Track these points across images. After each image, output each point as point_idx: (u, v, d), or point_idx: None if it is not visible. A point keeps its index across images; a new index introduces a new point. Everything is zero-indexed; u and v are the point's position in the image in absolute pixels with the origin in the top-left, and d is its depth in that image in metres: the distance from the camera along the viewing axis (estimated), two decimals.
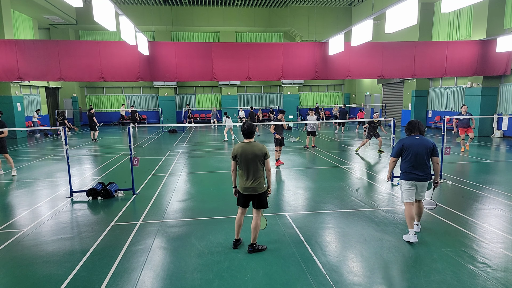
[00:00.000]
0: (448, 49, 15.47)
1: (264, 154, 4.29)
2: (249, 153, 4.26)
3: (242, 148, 4.30)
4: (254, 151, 4.26)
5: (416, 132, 4.83)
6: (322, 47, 15.20)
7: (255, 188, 4.30)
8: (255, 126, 4.42)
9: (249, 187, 4.31)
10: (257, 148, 4.28)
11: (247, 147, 4.29)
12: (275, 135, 9.89)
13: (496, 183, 7.79)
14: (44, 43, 13.95)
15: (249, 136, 4.34)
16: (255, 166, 4.28)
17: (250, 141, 4.34)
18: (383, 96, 25.33)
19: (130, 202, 6.77)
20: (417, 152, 4.68)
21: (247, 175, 4.31)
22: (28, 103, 20.81)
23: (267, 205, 4.45)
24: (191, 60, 14.64)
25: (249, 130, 4.32)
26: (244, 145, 4.31)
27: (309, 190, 7.51)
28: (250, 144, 4.31)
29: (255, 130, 4.42)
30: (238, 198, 4.51)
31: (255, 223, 4.41)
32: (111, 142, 16.86)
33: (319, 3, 25.30)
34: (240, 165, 4.35)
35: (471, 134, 11.86)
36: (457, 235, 4.93)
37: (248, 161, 4.27)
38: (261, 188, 4.33)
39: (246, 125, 4.33)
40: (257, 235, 4.46)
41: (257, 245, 4.49)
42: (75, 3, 7.30)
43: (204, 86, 28.88)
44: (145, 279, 3.89)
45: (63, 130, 6.99)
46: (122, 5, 23.96)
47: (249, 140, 4.35)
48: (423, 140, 4.73)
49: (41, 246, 4.79)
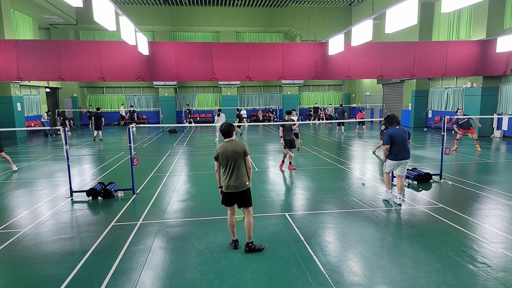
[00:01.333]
0: (448, 49, 15.47)
1: (244, 151, 4.35)
2: (230, 151, 4.32)
3: (223, 147, 4.36)
4: (234, 148, 4.33)
5: (395, 123, 6.27)
6: (322, 47, 15.20)
7: (237, 186, 4.33)
8: (233, 126, 4.51)
9: (231, 185, 4.34)
10: (237, 145, 4.36)
11: (227, 146, 4.36)
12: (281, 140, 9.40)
13: (496, 183, 7.79)
14: (44, 43, 13.95)
15: (228, 135, 4.43)
16: (236, 164, 4.33)
17: (230, 140, 4.42)
18: (383, 96, 25.33)
19: (130, 202, 6.77)
20: (401, 138, 6.12)
21: (229, 173, 4.35)
22: (28, 103, 20.82)
23: (251, 203, 4.47)
24: (191, 60, 14.63)
25: (227, 130, 4.41)
26: (224, 144, 4.39)
27: (309, 190, 7.51)
28: (230, 143, 4.39)
29: (234, 129, 4.50)
30: (222, 198, 4.51)
31: (247, 222, 4.43)
32: (111, 142, 16.86)
33: (319, 3, 25.30)
34: (222, 163, 4.39)
35: (474, 136, 11.90)
36: (457, 235, 4.93)
37: (229, 159, 4.32)
38: (243, 185, 4.35)
39: (224, 126, 4.44)
40: (251, 234, 4.45)
41: (254, 245, 4.48)
42: (75, 3, 7.30)
43: (204, 86, 28.89)
44: (145, 279, 3.89)
45: (63, 130, 6.99)
46: (122, 5, 23.96)
47: (229, 139, 4.43)
48: (402, 129, 6.21)
49: (41, 246, 4.79)
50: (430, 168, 9.21)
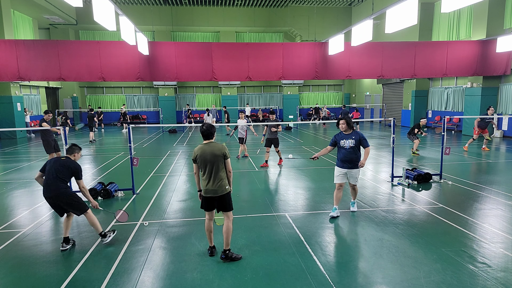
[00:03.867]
0: (448, 49, 15.47)
1: (224, 154, 4.12)
2: (208, 153, 4.11)
3: (201, 149, 4.16)
4: (213, 151, 4.10)
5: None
6: (322, 47, 15.20)
7: (215, 190, 4.12)
8: (214, 128, 4.30)
9: (210, 189, 4.13)
10: (216, 148, 4.13)
11: (206, 148, 4.15)
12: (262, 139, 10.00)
13: (496, 183, 7.79)
14: (44, 43, 13.95)
15: (208, 137, 4.22)
16: (215, 167, 4.11)
17: (209, 142, 4.20)
18: (383, 96, 25.33)
19: (130, 202, 6.77)
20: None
21: (208, 177, 4.13)
22: (28, 103, 20.82)
23: (231, 207, 4.25)
24: (191, 60, 14.63)
25: (208, 131, 4.21)
26: (203, 146, 4.18)
27: (309, 190, 7.51)
28: (209, 145, 4.16)
29: (215, 131, 4.30)
30: (201, 202, 4.30)
31: (226, 227, 4.22)
32: (111, 142, 16.86)
33: (319, 3, 25.29)
34: (200, 166, 4.18)
35: (487, 135, 12.07)
36: (457, 235, 4.93)
37: (207, 162, 4.11)
38: (222, 189, 4.14)
39: (205, 126, 4.23)
40: (229, 241, 4.24)
41: (231, 253, 4.24)
42: (75, 3, 7.30)
43: (204, 86, 28.88)
44: (145, 279, 3.89)
45: (63, 130, 6.98)
46: (122, 5, 23.96)
47: (208, 140, 4.22)
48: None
49: (41, 246, 4.79)
50: (430, 168, 9.21)
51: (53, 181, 4.52)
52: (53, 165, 4.62)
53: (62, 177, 4.58)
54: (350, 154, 5.48)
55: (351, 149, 5.48)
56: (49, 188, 4.52)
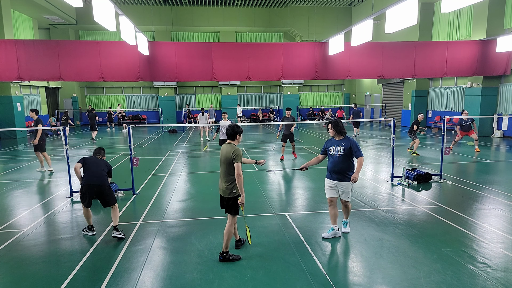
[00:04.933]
0: (448, 49, 15.47)
1: (233, 157, 4.06)
2: (223, 154, 4.18)
3: (221, 149, 4.29)
4: (227, 152, 4.13)
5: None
6: (322, 47, 15.19)
7: (224, 190, 4.18)
8: (239, 128, 4.26)
9: (220, 188, 4.27)
10: (231, 150, 4.12)
11: (224, 148, 4.22)
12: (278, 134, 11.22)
13: (496, 183, 7.79)
14: (44, 43, 13.95)
15: (230, 137, 4.26)
16: (225, 169, 4.15)
17: (229, 143, 4.25)
18: (383, 96, 25.32)
19: (130, 202, 6.77)
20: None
21: (221, 176, 4.27)
22: (28, 103, 20.82)
23: (234, 212, 4.21)
24: (191, 60, 14.63)
25: (232, 132, 4.24)
26: (223, 146, 4.27)
27: (309, 190, 7.51)
28: (227, 145, 4.21)
29: (239, 132, 4.25)
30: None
31: (226, 230, 4.20)
32: (111, 142, 16.86)
33: (319, 3, 25.29)
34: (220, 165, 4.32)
35: (474, 136, 11.70)
36: (457, 235, 4.93)
37: (221, 162, 4.22)
38: (229, 192, 4.14)
39: (230, 127, 4.27)
40: (228, 243, 4.20)
41: (229, 255, 4.21)
42: (75, 3, 7.30)
43: (204, 86, 28.87)
44: (145, 279, 3.89)
45: (63, 130, 6.98)
46: (122, 5, 23.96)
47: (230, 141, 4.26)
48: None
49: (41, 246, 4.79)
50: (430, 168, 9.21)
51: (101, 173, 5.23)
52: (97, 161, 5.48)
53: (106, 172, 5.36)
54: (339, 163, 4.74)
55: (340, 158, 4.74)
56: (98, 178, 5.14)
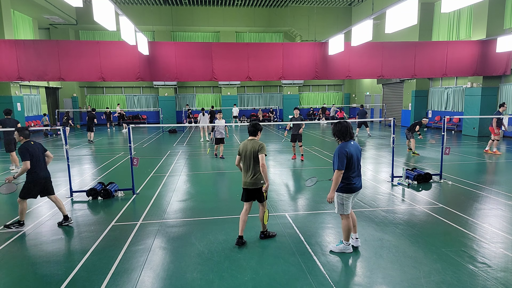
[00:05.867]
0: (448, 49, 15.46)
1: (258, 149, 4.52)
2: (248, 149, 4.58)
3: (244, 145, 4.65)
4: (253, 147, 4.55)
5: (349, 137, 4.28)
6: (322, 47, 15.19)
7: (252, 183, 4.59)
8: (260, 126, 4.72)
9: (247, 181, 4.63)
10: (255, 144, 4.56)
11: (247, 144, 4.62)
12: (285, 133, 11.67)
13: (496, 183, 7.79)
14: (44, 43, 13.95)
15: (252, 133, 4.68)
16: (252, 162, 4.56)
17: (252, 138, 4.67)
18: (383, 96, 25.32)
19: (130, 202, 6.77)
20: (357, 158, 4.27)
21: (246, 171, 4.64)
22: (28, 103, 20.81)
23: (263, 199, 4.71)
24: (191, 60, 14.63)
25: (253, 128, 4.68)
26: (246, 142, 4.67)
27: (309, 190, 7.51)
28: (251, 141, 4.63)
29: (259, 129, 4.72)
30: (242, 194, 4.78)
31: (261, 214, 4.79)
32: (111, 142, 16.86)
33: (319, 3, 25.29)
34: (242, 161, 4.66)
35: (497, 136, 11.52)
36: (457, 235, 4.93)
37: (247, 157, 4.58)
38: (257, 183, 4.60)
39: (251, 124, 4.71)
40: (265, 225, 4.83)
41: (268, 232, 4.93)
42: (75, 3, 7.30)
43: (204, 86, 28.88)
44: (145, 279, 3.89)
45: (63, 130, 6.98)
46: (122, 5, 23.96)
47: (252, 137, 4.68)
48: (356, 145, 4.36)
49: (41, 246, 4.79)
50: (430, 168, 9.21)
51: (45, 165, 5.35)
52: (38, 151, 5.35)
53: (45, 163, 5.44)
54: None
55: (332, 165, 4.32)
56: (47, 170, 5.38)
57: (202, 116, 15.68)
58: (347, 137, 4.27)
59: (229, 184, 8.37)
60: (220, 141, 11.34)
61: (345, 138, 4.27)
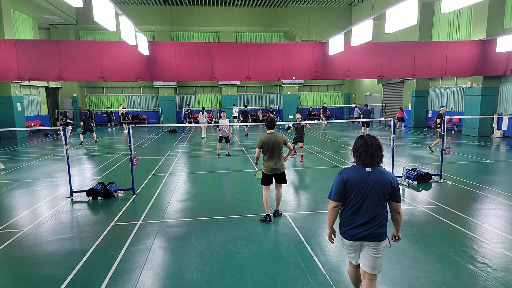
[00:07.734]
0: (448, 49, 15.46)
1: (285, 141, 5.57)
2: (276, 140, 5.42)
3: (268, 138, 5.43)
4: (277, 139, 5.44)
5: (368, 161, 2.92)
6: (322, 47, 15.19)
7: (279, 168, 5.47)
8: (276, 120, 5.60)
9: (275, 167, 5.45)
10: (279, 136, 5.47)
11: (271, 137, 5.44)
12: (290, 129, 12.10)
13: (496, 183, 7.79)
14: (44, 43, 13.95)
15: (271, 127, 5.52)
16: (278, 152, 5.45)
17: (271, 132, 5.51)
18: (383, 96, 25.32)
19: (130, 202, 6.77)
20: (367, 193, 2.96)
21: (273, 159, 5.44)
22: (28, 103, 20.81)
23: (286, 181, 5.64)
24: (191, 60, 14.63)
25: (272, 123, 5.53)
26: (268, 135, 5.46)
27: (309, 190, 7.51)
28: (272, 134, 5.47)
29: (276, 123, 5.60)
30: (262, 179, 5.57)
31: (278, 195, 5.70)
32: (111, 142, 16.86)
33: (319, 3, 25.29)
34: (266, 152, 5.43)
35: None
36: (457, 235, 4.93)
37: (275, 147, 5.42)
38: (282, 167, 5.53)
39: (269, 119, 5.54)
40: (279, 203, 5.79)
41: (280, 211, 5.88)
42: (75, 3, 7.30)
43: (204, 86, 28.88)
44: (145, 279, 3.89)
45: (63, 130, 6.98)
46: (122, 5, 23.96)
47: (271, 131, 5.52)
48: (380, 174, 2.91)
49: (41, 246, 4.79)
50: (430, 168, 9.21)
51: None
52: None
53: None
54: None
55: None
56: None
57: (201, 115, 15.86)
58: (364, 160, 2.92)
59: (229, 184, 8.37)
60: (226, 140, 11.81)
61: (362, 160, 2.95)
